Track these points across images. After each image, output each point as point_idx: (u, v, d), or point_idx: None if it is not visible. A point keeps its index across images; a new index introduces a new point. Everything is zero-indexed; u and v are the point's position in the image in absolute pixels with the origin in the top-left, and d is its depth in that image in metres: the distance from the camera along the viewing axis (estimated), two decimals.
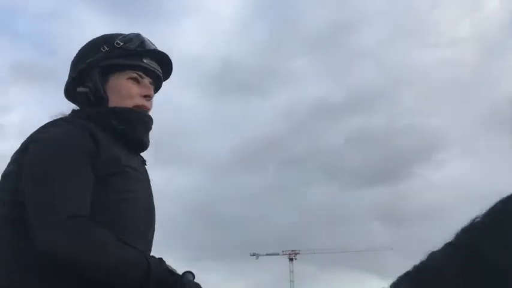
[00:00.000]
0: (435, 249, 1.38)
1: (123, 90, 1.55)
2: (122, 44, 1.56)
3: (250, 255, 68.60)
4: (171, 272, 1.36)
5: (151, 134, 1.61)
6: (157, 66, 1.62)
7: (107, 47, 1.56)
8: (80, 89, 1.56)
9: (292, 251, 66.63)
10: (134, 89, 1.56)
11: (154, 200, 1.57)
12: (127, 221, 1.40)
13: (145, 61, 1.58)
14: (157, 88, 1.69)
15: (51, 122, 1.49)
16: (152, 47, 1.61)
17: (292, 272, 65.45)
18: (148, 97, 1.59)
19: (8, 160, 1.44)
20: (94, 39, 1.61)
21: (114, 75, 1.55)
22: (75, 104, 1.62)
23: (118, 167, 1.41)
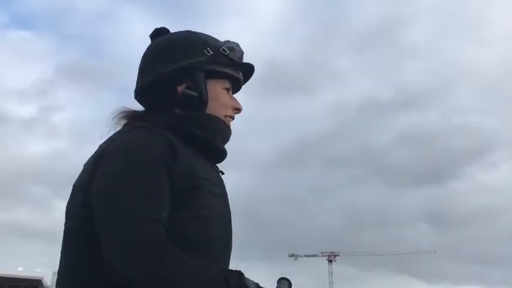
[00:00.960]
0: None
1: (222, 100, 1.44)
2: (227, 52, 1.44)
3: (289, 255, 68.71)
4: None
5: None
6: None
7: (212, 51, 1.43)
8: (186, 90, 1.39)
9: (332, 252, 66.14)
10: (227, 99, 1.46)
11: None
12: (203, 242, 1.24)
13: (240, 74, 1.49)
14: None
15: (127, 128, 1.35)
16: (248, 62, 1.51)
17: (331, 274, 64.97)
18: (237, 110, 1.49)
19: (81, 167, 1.33)
20: (186, 38, 1.46)
21: (211, 82, 1.43)
22: (144, 104, 1.45)
23: (196, 180, 1.26)
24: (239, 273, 1.20)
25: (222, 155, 1.45)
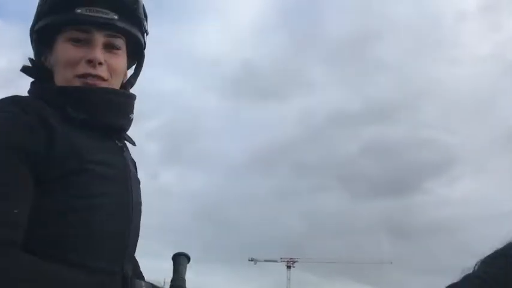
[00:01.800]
0: (454, 281, 1.19)
1: (61, 57, 1.14)
2: None
3: (249, 260, 69.09)
4: None
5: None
6: (105, 12, 1.14)
7: (38, 4, 1.17)
8: (23, 67, 1.20)
9: (291, 258, 66.68)
10: (72, 53, 1.13)
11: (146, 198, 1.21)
12: (81, 236, 1.04)
13: (79, 10, 1.12)
14: (135, 41, 1.23)
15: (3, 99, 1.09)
16: None
17: (289, 279, 65.67)
18: (91, 62, 1.13)
19: None
20: None
21: (56, 41, 1.16)
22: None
23: (77, 162, 1.05)
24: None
25: (115, 129, 1.19)
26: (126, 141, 1.25)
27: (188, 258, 1.22)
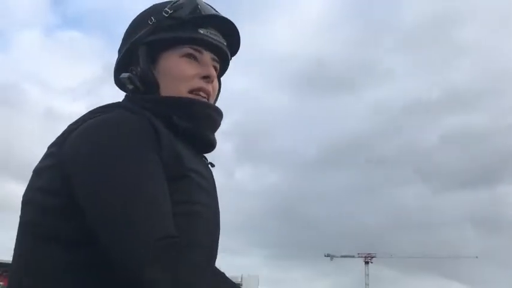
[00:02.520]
0: None
1: (175, 71, 1.18)
2: (171, 12, 1.19)
3: (325, 255, 68.23)
4: None
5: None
6: (219, 37, 1.22)
7: (155, 19, 1.20)
8: (123, 75, 1.20)
9: (368, 254, 65.23)
10: (190, 68, 1.18)
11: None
12: (189, 241, 1.03)
13: (201, 31, 1.19)
14: (224, 67, 1.31)
15: (99, 107, 1.12)
16: (211, 12, 1.22)
17: (368, 275, 64.09)
18: (207, 78, 1.19)
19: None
20: (140, 13, 1.26)
21: (165, 54, 1.19)
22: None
23: (183, 169, 1.06)
24: None
25: (209, 145, 1.22)
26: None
27: None
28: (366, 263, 64.73)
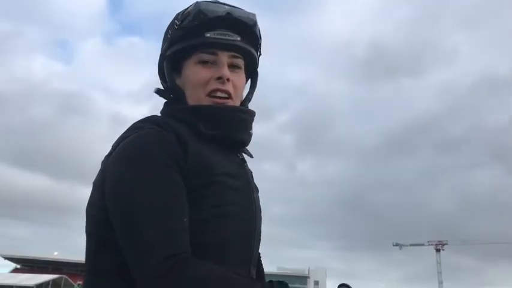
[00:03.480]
0: None
1: (192, 78, 1.24)
2: (179, 23, 1.24)
3: (393, 245, 66.38)
4: None
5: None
6: (230, 34, 1.24)
7: (170, 32, 1.27)
8: (156, 89, 1.32)
9: (439, 241, 62.90)
10: (204, 73, 1.23)
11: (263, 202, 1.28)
12: (215, 244, 1.11)
13: (208, 34, 1.22)
14: (253, 58, 1.32)
15: (137, 122, 1.19)
16: (215, 14, 1.23)
17: (440, 263, 61.74)
18: (220, 79, 1.23)
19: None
20: (166, 28, 1.31)
21: (185, 63, 1.26)
22: None
23: (210, 176, 1.12)
24: (271, 282, 1.11)
25: (242, 144, 1.28)
26: (245, 154, 1.33)
27: None
28: (437, 250, 62.49)
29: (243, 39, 1.27)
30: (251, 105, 1.35)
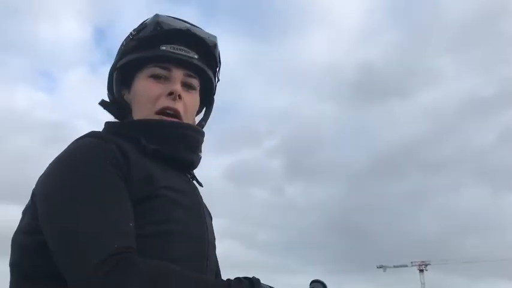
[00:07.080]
0: None
1: (141, 93, 1.16)
2: (134, 33, 1.18)
3: (377, 267, 66.60)
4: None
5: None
6: (186, 51, 1.17)
7: (125, 43, 1.21)
8: (101, 101, 1.24)
9: (422, 261, 63.09)
10: (155, 89, 1.15)
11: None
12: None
13: (164, 47, 1.15)
14: (207, 83, 1.25)
15: (76, 138, 1.10)
16: (174, 27, 1.17)
17: (424, 283, 61.92)
18: (171, 95, 1.15)
19: None
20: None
21: (137, 76, 1.18)
22: None
23: (153, 188, 1.03)
24: (251, 281, 0.99)
25: (184, 164, 1.19)
26: (195, 181, 1.23)
27: (324, 286, 1.17)
28: (421, 271, 62.63)
29: (201, 59, 1.21)
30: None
